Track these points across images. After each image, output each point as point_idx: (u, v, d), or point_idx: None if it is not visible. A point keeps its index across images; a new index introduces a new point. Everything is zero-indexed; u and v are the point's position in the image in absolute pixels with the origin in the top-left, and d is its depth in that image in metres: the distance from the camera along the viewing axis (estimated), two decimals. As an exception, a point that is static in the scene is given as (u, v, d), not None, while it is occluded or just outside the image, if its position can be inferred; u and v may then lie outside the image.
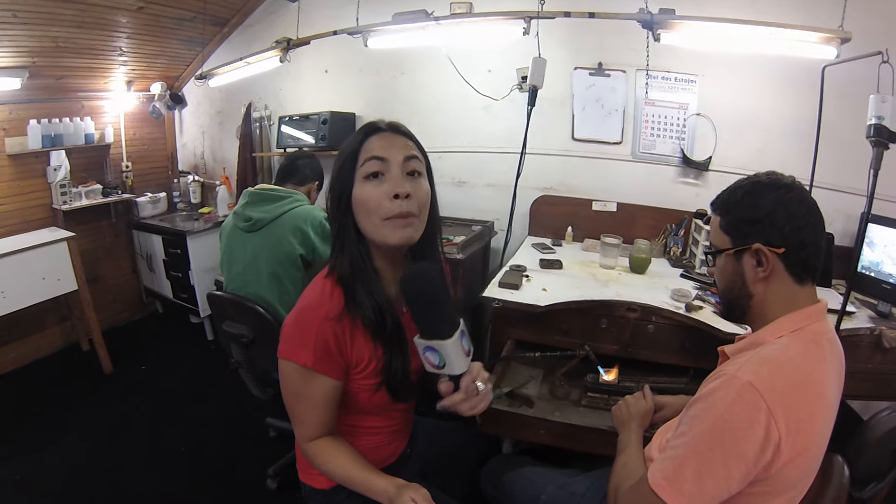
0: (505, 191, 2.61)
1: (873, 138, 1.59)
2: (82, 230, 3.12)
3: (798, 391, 0.86)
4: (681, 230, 2.47)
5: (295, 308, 1.03)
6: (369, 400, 1.09)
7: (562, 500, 1.29)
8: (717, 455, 0.85)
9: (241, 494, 2.08)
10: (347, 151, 1.01)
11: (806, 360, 0.90)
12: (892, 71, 1.65)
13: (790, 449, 0.84)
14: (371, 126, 1.03)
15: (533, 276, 2.13)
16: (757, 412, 0.82)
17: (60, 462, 2.24)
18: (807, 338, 0.93)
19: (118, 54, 3.09)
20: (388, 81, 3.10)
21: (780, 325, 0.96)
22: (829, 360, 0.94)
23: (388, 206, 0.96)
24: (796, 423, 0.84)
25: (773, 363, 0.88)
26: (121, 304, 3.65)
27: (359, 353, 1.03)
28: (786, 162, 2.42)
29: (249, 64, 2.88)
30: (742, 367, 0.88)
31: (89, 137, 3.17)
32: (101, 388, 2.84)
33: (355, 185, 0.99)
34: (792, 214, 0.94)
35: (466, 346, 0.95)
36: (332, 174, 1.04)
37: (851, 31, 1.84)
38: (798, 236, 0.93)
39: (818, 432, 0.89)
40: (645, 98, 2.58)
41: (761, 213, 0.96)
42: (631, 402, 1.36)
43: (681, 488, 0.87)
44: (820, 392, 0.89)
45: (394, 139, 1.01)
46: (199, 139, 3.89)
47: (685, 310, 1.81)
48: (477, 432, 1.74)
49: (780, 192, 0.96)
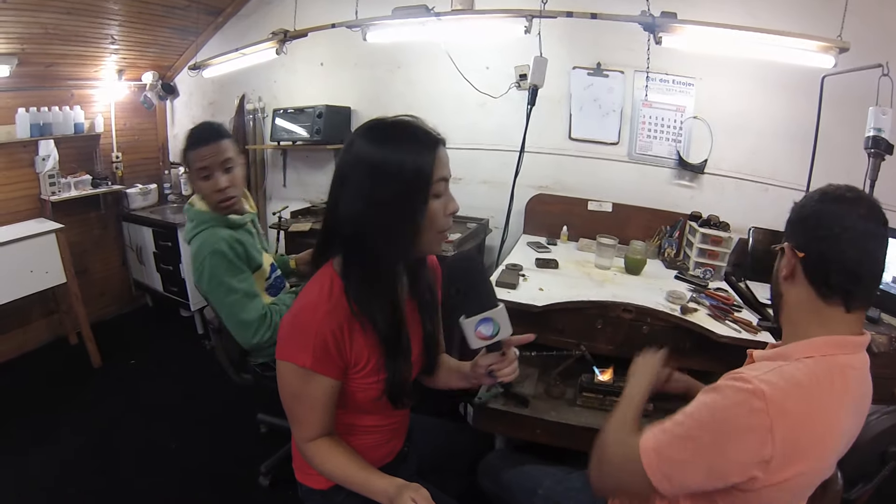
0: (499, 188, 2.61)
1: (871, 150, 1.61)
2: (71, 221, 3.06)
3: (806, 421, 0.83)
4: (675, 232, 2.48)
5: (293, 308, 1.02)
6: (368, 399, 1.09)
7: (559, 495, 1.30)
8: (708, 449, 0.85)
9: (233, 492, 2.07)
10: (418, 166, 0.94)
11: (826, 391, 0.87)
12: (892, 84, 1.67)
13: (778, 474, 0.82)
14: (430, 136, 0.99)
15: (529, 275, 2.13)
16: (758, 422, 0.81)
17: (51, 459, 2.21)
18: (834, 368, 0.89)
19: (109, 42, 3.03)
20: (384, 76, 3.08)
21: (810, 345, 0.92)
22: (850, 396, 0.90)
23: (443, 221, 1.00)
24: (793, 451, 0.82)
25: (793, 383, 0.85)
26: (109, 298, 3.60)
27: (357, 352, 1.03)
28: (779, 166, 2.46)
29: (244, 55, 2.85)
30: (762, 374, 0.86)
31: (79, 127, 3.11)
32: (90, 382, 2.80)
33: (430, 201, 0.97)
34: (822, 225, 0.92)
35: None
36: (382, 181, 0.94)
37: (849, 40, 1.86)
38: (818, 246, 0.92)
39: (813, 468, 0.87)
40: (643, 99, 2.59)
41: (801, 216, 0.97)
42: (647, 359, 1.31)
43: (661, 465, 0.88)
44: (829, 428, 0.87)
45: (447, 155, 1.00)
46: (190, 130, 3.84)
47: (680, 312, 1.82)
48: (471, 430, 1.75)
49: (828, 203, 0.93)
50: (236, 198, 1.71)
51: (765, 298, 1.99)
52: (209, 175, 1.65)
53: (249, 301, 1.66)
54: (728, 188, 2.59)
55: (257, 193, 3.57)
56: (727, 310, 1.87)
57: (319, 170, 3.43)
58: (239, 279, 1.65)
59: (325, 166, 3.39)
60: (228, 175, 1.67)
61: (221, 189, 1.65)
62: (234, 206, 1.71)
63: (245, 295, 1.65)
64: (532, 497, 1.32)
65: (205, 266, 1.62)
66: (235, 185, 1.69)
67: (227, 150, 1.66)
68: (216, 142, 1.64)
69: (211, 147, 1.63)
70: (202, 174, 1.65)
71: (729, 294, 2.04)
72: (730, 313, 1.84)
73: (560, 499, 1.29)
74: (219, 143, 1.64)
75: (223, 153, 1.65)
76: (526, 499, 1.33)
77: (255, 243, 1.77)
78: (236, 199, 1.71)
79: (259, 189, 3.59)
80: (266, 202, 3.65)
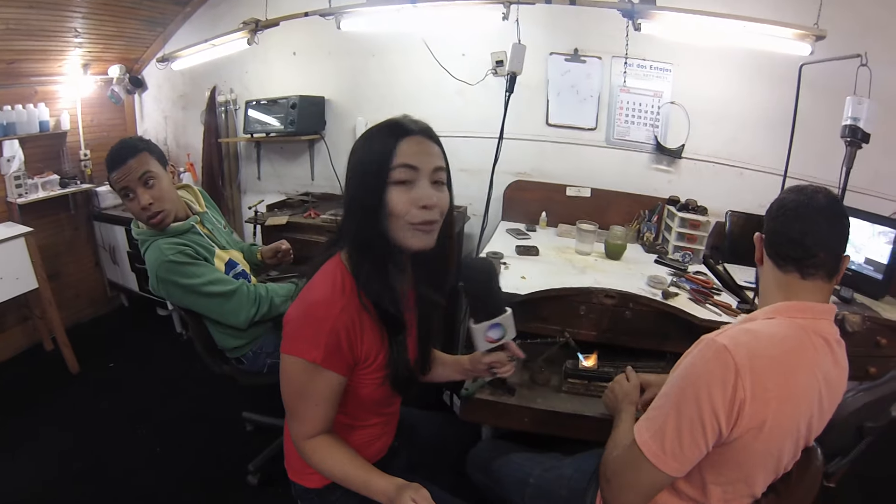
0: (478, 175, 2.60)
1: (848, 138, 1.64)
2: (40, 224, 2.96)
3: (769, 363, 0.91)
4: (654, 216, 2.51)
5: (302, 302, 1.01)
6: (371, 395, 1.09)
7: (550, 483, 1.31)
8: (692, 409, 0.91)
9: (221, 492, 2.04)
10: (378, 152, 0.97)
11: (789, 342, 0.95)
12: (870, 74, 1.69)
13: (752, 415, 0.89)
14: (401, 127, 0.99)
15: (511, 263, 2.13)
16: (727, 370, 0.89)
17: (33, 470, 2.14)
18: (802, 328, 0.98)
19: (73, 35, 2.91)
20: (359, 64, 3.03)
21: (773, 309, 1.02)
22: (817, 359, 0.97)
23: (414, 213, 0.97)
24: (761, 391, 0.89)
25: (753, 333, 0.95)
26: (84, 300, 3.51)
27: (368, 347, 1.03)
28: (756, 152, 2.49)
29: (214, 46, 2.77)
30: (723, 333, 0.96)
31: (44, 125, 3.00)
32: (69, 388, 2.73)
33: (388, 189, 0.96)
34: (779, 207, 1.05)
35: None
36: (355, 170, 1.00)
37: (826, 28, 1.88)
38: (773, 225, 1.05)
39: (780, 411, 0.91)
40: (621, 85, 2.59)
41: (769, 208, 1.08)
42: (616, 386, 1.39)
43: (662, 445, 0.93)
44: (791, 374, 0.93)
45: (425, 146, 0.99)
46: (161, 125, 3.73)
47: (662, 297, 1.85)
48: (459, 421, 1.76)
49: (790, 192, 1.06)
50: (164, 211, 1.65)
51: (742, 281, 2.03)
52: (131, 194, 1.61)
53: (216, 286, 1.65)
54: (705, 173, 2.62)
55: (231, 187, 3.51)
56: (707, 293, 1.90)
57: (294, 161, 3.37)
58: (197, 273, 1.63)
59: (300, 157, 3.34)
60: (150, 190, 1.61)
61: (146, 206, 1.61)
62: (165, 220, 1.66)
63: (210, 283, 1.64)
64: (524, 487, 1.33)
65: (159, 280, 1.61)
66: (161, 198, 1.64)
67: (143, 164, 1.61)
68: (132, 158, 1.59)
69: (126, 166, 1.58)
70: (125, 194, 1.61)
71: (708, 277, 2.08)
72: (710, 297, 1.88)
73: (551, 487, 1.30)
74: (136, 159, 1.59)
75: (140, 168, 1.60)
76: (517, 489, 1.34)
77: (206, 243, 1.74)
78: (166, 213, 1.65)
79: (233, 183, 3.51)
80: (241, 196, 3.58)
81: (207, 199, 1.95)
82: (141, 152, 1.61)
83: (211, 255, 1.74)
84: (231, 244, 1.91)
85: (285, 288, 1.82)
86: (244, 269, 1.88)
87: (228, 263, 1.82)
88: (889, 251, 1.96)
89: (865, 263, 2.05)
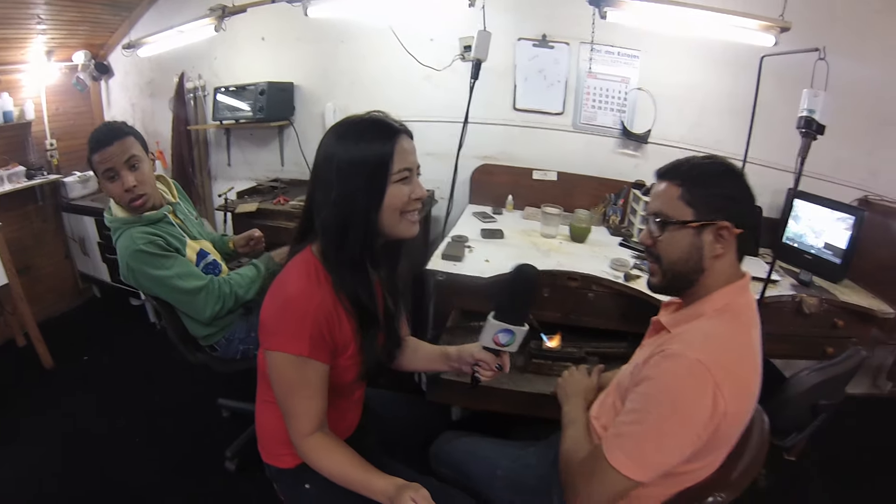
0: (445, 160, 2.62)
1: (803, 129, 1.69)
2: (7, 218, 2.89)
3: (739, 364, 0.95)
4: (620, 200, 2.57)
5: (278, 298, 1.03)
6: (347, 380, 1.13)
7: (518, 472, 1.33)
8: (673, 427, 0.93)
9: (201, 479, 2.07)
10: (377, 152, 1.00)
11: (740, 333, 1.00)
12: (828, 67, 1.73)
13: (734, 412, 0.93)
14: (392, 128, 1.04)
15: (475, 246, 2.17)
16: (705, 385, 0.90)
17: (9, 471, 2.12)
18: (737, 312, 1.03)
19: (36, 22, 2.82)
20: (328, 50, 3.01)
21: (718, 298, 1.04)
22: (753, 329, 1.04)
23: (409, 206, 1.06)
24: (738, 389, 0.93)
25: (716, 339, 0.97)
26: (55, 293, 3.45)
27: (345, 335, 1.07)
28: (720, 137, 2.55)
29: (182, 32, 2.73)
30: (688, 345, 0.96)
31: (7, 115, 2.91)
32: (44, 384, 2.70)
33: (389, 186, 1.02)
34: (752, 198, 1.05)
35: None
36: (351, 168, 1.00)
37: (791, 20, 1.92)
38: (754, 219, 1.04)
39: (753, 393, 0.99)
40: (588, 71, 2.63)
41: (735, 193, 1.03)
42: (576, 378, 1.41)
43: (644, 462, 0.95)
44: (754, 361, 0.99)
45: (412, 145, 1.07)
46: (128, 112, 3.65)
47: (624, 279, 1.91)
48: (428, 402, 1.81)
49: (741, 175, 1.06)
50: (147, 195, 1.69)
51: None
52: (115, 176, 1.63)
53: (184, 281, 1.67)
54: (671, 158, 2.65)
55: (202, 174, 3.47)
56: (666, 274, 1.96)
57: (265, 147, 3.35)
58: (167, 266, 1.65)
59: (270, 144, 3.32)
60: (135, 172, 1.64)
61: (130, 188, 1.63)
62: (146, 204, 1.69)
63: (178, 277, 1.66)
64: (492, 480, 1.33)
65: (130, 268, 1.64)
66: (144, 182, 1.67)
67: (130, 148, 1.63)
68: (119, 140, 1.61)
69: (113, 147, 1.60)
70: (108, 175, 1.63)
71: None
72: (669, 278, 1.94)
73: (519, 478, 1.31)
74: (122, 142, 1.61)
75: (126, 151, 1.62)
76: (486, 482, 1.33)
77: (178, 233, 1.76)
78: (147, 197, 1.69)
79: (203, 170, 3.48)
80: (211, 183, 3.55)
81: (180, 190, 1.97)
82: (128, 136, 1.64)
83: (183, 245, 1.75)
84: (202, 235, 1.93)
85: (248, 275, 1.84)
86: (215, 258, 1.90)
87: (200, 253, 1.84)
88: (847, 237, 2.04)
89: (825, 248, 2.13)
